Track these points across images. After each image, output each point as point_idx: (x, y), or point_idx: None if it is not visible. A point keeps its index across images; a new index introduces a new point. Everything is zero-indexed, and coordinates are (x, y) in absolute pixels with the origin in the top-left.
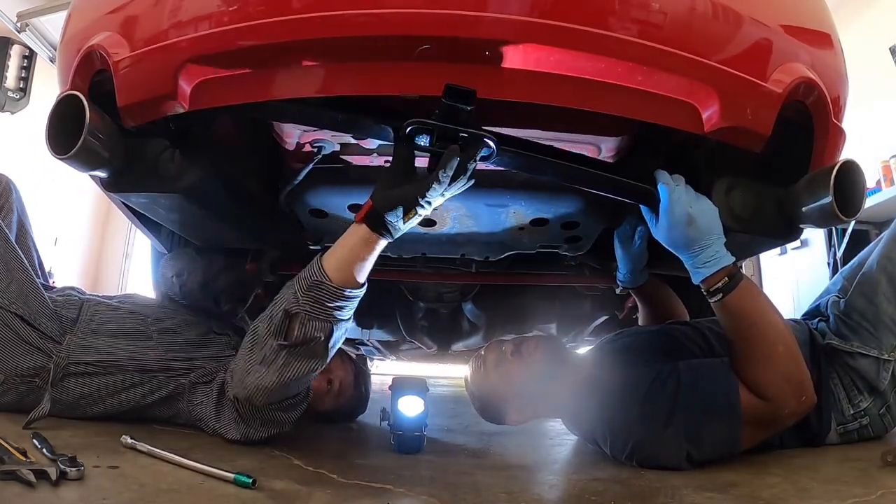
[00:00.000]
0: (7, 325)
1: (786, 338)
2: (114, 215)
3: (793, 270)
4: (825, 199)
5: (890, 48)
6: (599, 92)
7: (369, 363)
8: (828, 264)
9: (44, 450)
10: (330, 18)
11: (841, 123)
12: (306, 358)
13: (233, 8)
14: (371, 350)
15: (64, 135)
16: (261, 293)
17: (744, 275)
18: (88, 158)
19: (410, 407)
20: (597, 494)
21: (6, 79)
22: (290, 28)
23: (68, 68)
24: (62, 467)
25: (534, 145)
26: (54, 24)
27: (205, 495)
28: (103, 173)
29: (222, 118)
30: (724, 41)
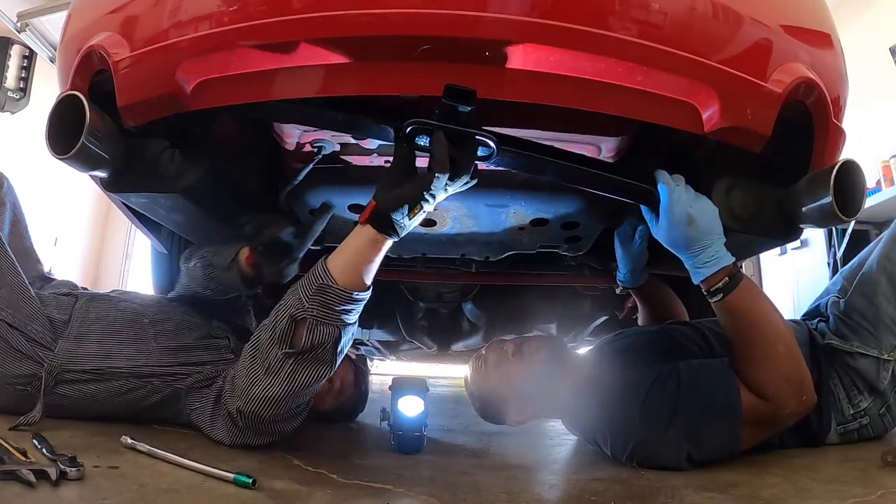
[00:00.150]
0: None
1: (786, 338)
2: (114, 215)
3: (793, 270)
4: (825, 199)
5: (890, 48)
6: (599, 92)
7: (369, 363)
8: (828, 264)
9: (44, 450)
10: (330, 18)
11: (841, 123)
12: (314, 365)
13: (233, 8)
14: (371, 350)
15: (64, 135)
16: (261, 293)
17: (744, 275)
18: (88, 158)
19: (410, 407)
20: (597, 494)
21: (6, 79)
22: (291, 28)
23: (68, 68)
24: (62, 467)
25: (534, 145)
26: (54, 24)
27: (205, 495)
28: (103, 173)
29: (222, 118)
30: (724, 41)
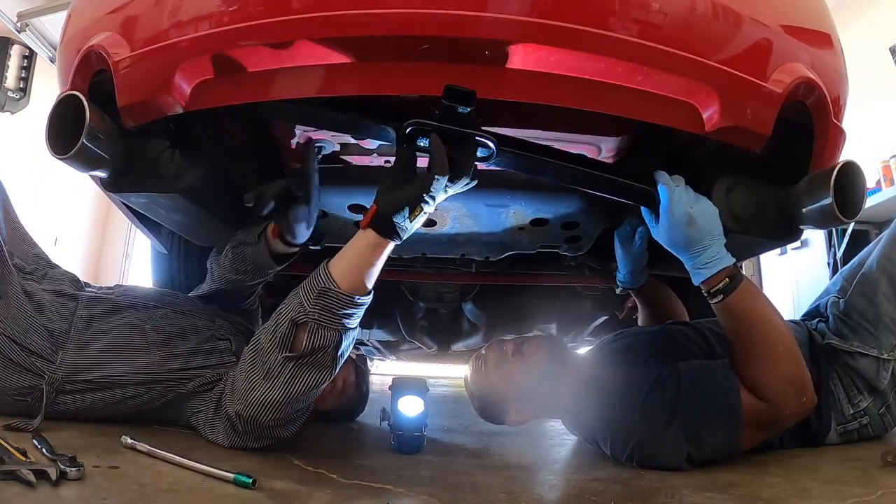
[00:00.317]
0: None
1: (786, 338)
2: (114, 215)
3: (793, 271)
4: (825, 201)
5: (890, 48)
6: (599, 92)
7: (369, 363)
8: (828, 264)
9: (44, 450)
10: (330, 18)
11: (841, 123)
12: (314, 369)
13: (233, 8)
14: (371, 350)
15: (64, 135)
16: (261, 293)
17: (744, 275)
18: (88, 158)
19: (410, 407)
20: (597, 494)
21: (6, 79)
22: (291, 28)
23: (68, 68)
24: (62, 467)
25: (533, 146)
26: (54, 24)
27: (205, 495)
28: (103, 173)
29: (222, 118)
30: (724, 41)
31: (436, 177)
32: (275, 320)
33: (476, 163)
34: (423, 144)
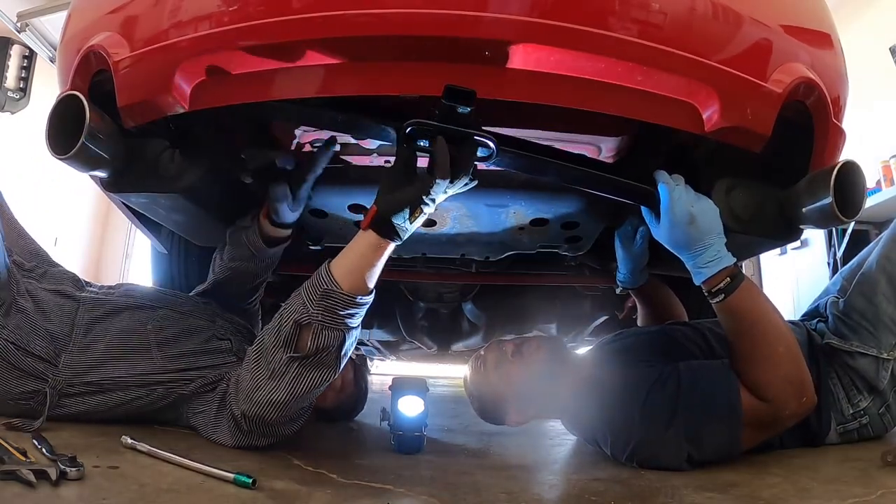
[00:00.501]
0: None
1: (787, 338)
2: (114, 215)
3: (793, 270)
4: (825, 200)
5: (890, 48)
6: (599, 92)
7: (369, 363)
8: (828, 264)
9: (44, 450)
10: (330, 18)
11: (841, 123)
12: (318, 369)
13: (233, 8)
14: (371, 350)
15: (64, 135)
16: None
17: (745, 275)
18: (88, 158)
19: (410, 407)
20: (597, 494)
21: (6, 79)
22: (291, 28)
23: (68, 68)
24: (62, 467)
25: (533, 146)
26: (54, 24)
27: (205, 495)
28: (103, 173)
29: (222, 118)
30: (724, 41)
31: (437, 180)
32: (278, 321)
33: (476, 163)
34: (423, 145)
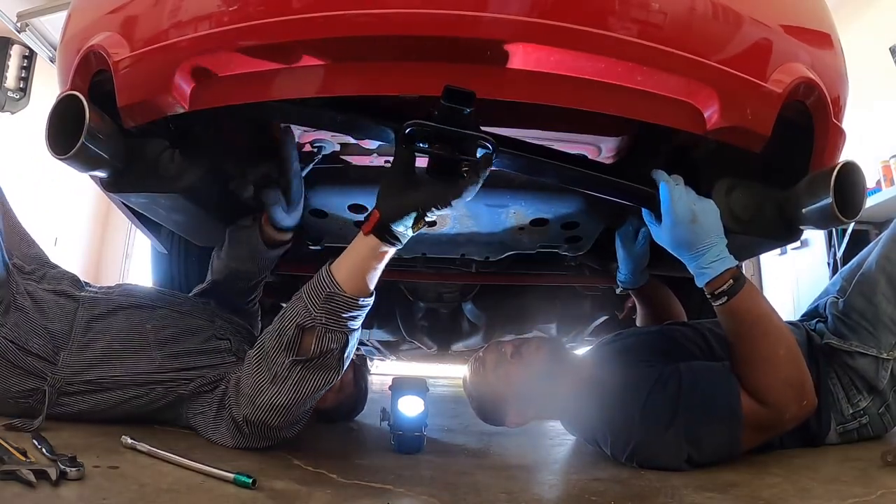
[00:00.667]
0: None
1: (788, 341)
2: (114, 215)
3: (793, 271)
4: (825, 201)
5: (890, 48)
6: (599, 92)
7: (369, 363)
8: (828, 264)
9: (44, 450)
10: (330, 18)
11: (841, 123)
12: (321, 371)
13: (233, 8)
14: (371, 350)
15: (64, 135)
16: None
17: (746, 277)
18: (88, 158)
19: (410, 407)
20: (597, 494)
21: (6, 79)
22: (291, 28)
23: (68, 68)
24: (62, 467)
25: (534, 146)
26: (54, 24)
27: (205, 495)
28: (103, 173)
29: (222, 118)
30: (723, 41)
31: (452, 201)
32: (279, 325)
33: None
34: (422, 145)
